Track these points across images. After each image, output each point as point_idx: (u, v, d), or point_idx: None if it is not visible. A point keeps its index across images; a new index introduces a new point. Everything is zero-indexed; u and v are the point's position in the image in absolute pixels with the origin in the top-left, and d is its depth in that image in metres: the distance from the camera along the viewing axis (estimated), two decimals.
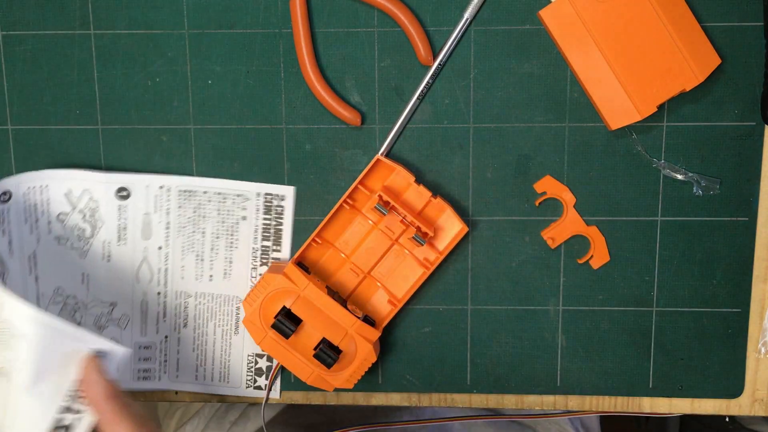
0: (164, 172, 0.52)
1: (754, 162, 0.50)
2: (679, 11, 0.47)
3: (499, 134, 0.50)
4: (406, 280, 0.51)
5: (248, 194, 0.51)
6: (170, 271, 0.53)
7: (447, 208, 0.49)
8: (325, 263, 0.51)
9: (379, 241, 0.50)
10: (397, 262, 0.51)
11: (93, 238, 0.52)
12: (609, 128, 0.49)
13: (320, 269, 0.52)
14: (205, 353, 0.54)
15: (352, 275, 0.51)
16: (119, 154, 0.52)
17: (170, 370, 0.54)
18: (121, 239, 0.52)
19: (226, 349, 0.54)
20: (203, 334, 0.53)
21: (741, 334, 0.52)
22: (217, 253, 0.52)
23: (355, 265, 0.51)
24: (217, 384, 0.54)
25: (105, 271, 0.53)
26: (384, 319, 0.50)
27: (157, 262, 0.53)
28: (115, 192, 0.51)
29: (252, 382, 0.54)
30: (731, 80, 0.49)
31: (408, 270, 0.51)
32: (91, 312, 0.53)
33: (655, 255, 0.51)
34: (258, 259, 0.52)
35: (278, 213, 0.51)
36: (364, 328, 0.49)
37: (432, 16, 0.49)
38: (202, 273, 0.53)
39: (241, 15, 0.50)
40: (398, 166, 0.49)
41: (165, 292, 0.53)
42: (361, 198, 0.50)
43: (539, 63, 0.49)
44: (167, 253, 0.52)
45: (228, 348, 0.54)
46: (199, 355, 0.54)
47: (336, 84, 0.50)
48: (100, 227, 0.52)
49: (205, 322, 0.53)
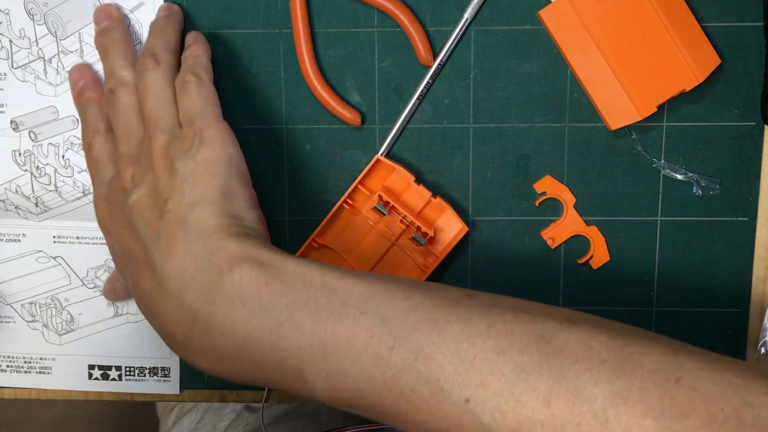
0: None
1: (754, 162, 0.50)
2: (679, 11, 0.47)
3: (499, 134, 0.50)
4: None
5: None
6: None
7: (447, 209, 0.49)
8: (323, 261, 0.51)
9: (379, 241, 0.50)
10: (396, 263, 0.51)
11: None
12: (609, 128, 0.49)
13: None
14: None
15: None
16: None
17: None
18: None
19: None
20: None
21: (741, 334, 0.52)
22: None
23: (355, 266, 0.51)
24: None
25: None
26: None
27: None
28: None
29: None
30: (731, 80, 0.49)
31: (407, 270, 0.51)
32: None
33: (655, 255, 0.51)
34: None
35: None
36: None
37: (432, 16, 0.49)
38: None
39: (241, 15, 0.50)
40: (398, 166, 0.49)
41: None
42: (360, 198, 0.50)
43: (539, 63, 0.49)
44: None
45: None
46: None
47: (336, 84, 0.50)
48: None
49: None
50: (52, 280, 0.52)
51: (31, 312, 0.53)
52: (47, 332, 0.53)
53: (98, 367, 0.54)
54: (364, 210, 0.50)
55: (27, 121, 0.51)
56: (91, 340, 0.53)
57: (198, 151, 0.41)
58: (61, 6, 0.49)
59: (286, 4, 0.49)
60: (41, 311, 0.53)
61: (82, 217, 0.52)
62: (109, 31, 0.47)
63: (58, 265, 0.52)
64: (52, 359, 0.54)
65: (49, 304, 0.53)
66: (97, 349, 0.53)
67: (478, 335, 0.33)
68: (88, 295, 0.53)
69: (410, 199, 0.50)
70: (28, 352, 0.54)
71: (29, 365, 0.54)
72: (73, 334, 0.53)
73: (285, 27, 0.50)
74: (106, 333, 0.53)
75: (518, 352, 0.32)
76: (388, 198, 0.48)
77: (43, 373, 0.54)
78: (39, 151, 0.51)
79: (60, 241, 0.52)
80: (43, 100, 0.50)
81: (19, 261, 0.52)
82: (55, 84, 0.50)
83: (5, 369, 0.54)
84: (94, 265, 0.52)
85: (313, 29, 0.50)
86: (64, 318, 0.53)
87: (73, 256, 0.52)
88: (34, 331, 0.53)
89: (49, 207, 0.51)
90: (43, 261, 0.52)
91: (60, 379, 0.54)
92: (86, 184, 0.51)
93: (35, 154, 0.51)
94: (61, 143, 0.51)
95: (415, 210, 0.50)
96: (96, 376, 0.54)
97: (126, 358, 0.53)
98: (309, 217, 0.52)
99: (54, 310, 0.53)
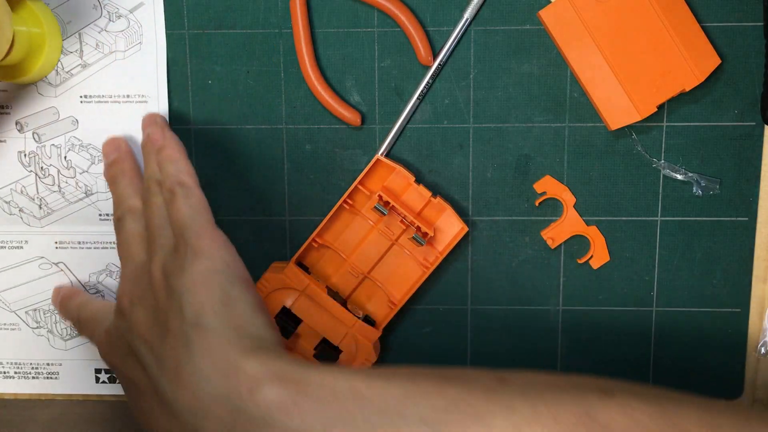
0: None
1: (754, 162, 0.50)
2: (679, 11, 0.47)
3: (499, 134, 0.50)
4: (406, 280, 0.51)
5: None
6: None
7: (447, 208, 0.49)
8: (325, 264, 0.51)
9: (379, 241, 0.50)
10: (396, 263, 0.51)
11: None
12: (609, 128, 0.49)
13: (320, 270, 0.52)
14: None
15: (351, 276, 0.51)
16: None
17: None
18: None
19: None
20: None
21: (741, 334, 0.52)
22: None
23: (355, 266, 0.51)
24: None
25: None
26: (384, 320, 0.50)
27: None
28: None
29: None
30: (731, 80, 0.49)
31: (407, 270, 0.51)
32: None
33: (655, 255, 0.51)
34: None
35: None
36: (365, 328, 0.49)
37: (432, 16, 0.49)
38: None
39: (241, 15, 0.50)
40: (398, 166, 0.49)
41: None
42: (360, 198, 0.50)
43: (539, 63, 0.49)
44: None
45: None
46: None
47: (336, 84, 0.50)
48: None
49: None
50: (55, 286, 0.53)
51: (35, 318, 0.53)
52: (52, 338, 0.53)
53: (105, 371, 0.54)
54: (364, 210, 0.50)
55: (31, 123, 0.51)
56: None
57: (192, 263, 0.38)
58: (61, 6, 0.49)
59: (286, 4, 0.49)
60: (45, 317, 0.53)
61: (83, 220, 0.52)
62: (118, 163, 0.47)
63: (59, 271, 0.52)
64: (59, 364, 0.54)
65: (53, 310, 0.53)
66: None
67: (525, 422, 0.32)
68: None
69: (410, 199, 0.50)
70: (35, 358, 0.54)
71: (36, 371, 0.54)
72: (78, 339, 0.53)
73: (285, 27, 0.50)
74: None
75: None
76: (388, 198, 0.48)
77: (50, 379, 0.54)
78: (43, 152, 0.51)
79: (62, 246, 0.52)
80: (44, 101, 0.50)
81: (21, 268, 0.53)
82: (55, 84, 0.50)
83: (12, 375, 0.54)
84: (96, 269, 0.52)
85: (313, 29, 0.50)
86: (68, 324, 0.53)
87: (75, 261, 0.52)
88: (40, 337, 0.53)
89: (52, 209, 0.51)
90: (45, 267, 0.52)
91: (68, 384, 0.54)
92: (88, 185, 0.51)
93: (39, 155, 0.51)
94: (63, 144, 0.51)
95: (415, 210, 0.50)
96: (103, 380, 0.54)
97: None
98: (309, 217, 0.52)
99: (57, 316, 0.53)
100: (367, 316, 0.51)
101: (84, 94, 0.50)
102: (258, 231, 0.52)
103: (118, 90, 0.50)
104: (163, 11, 0.50)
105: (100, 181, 0.51)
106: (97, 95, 0.50)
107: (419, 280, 0.50)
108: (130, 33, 0.50)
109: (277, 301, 0.49)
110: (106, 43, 0.50)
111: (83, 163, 0.51)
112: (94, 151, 0.51)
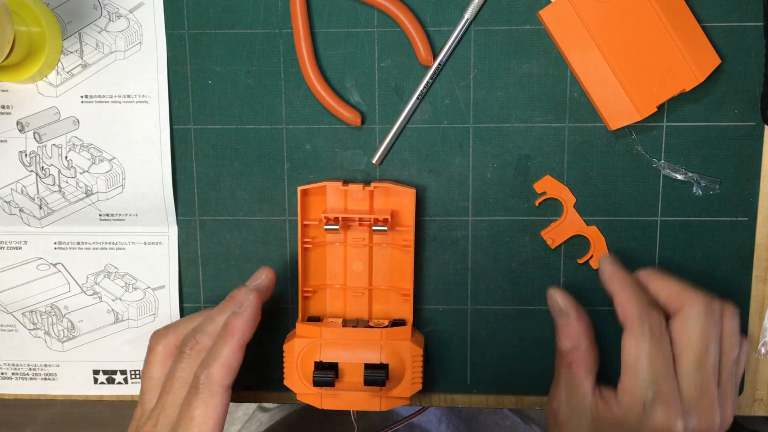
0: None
1: (754, 162, 0.50)
2: (679, 11, 0.47)
3: (499, 134, 0.50)
4: (402, 268, 0.51)
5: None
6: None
7: (388, 186, 0.49)
8: (331, 303, 0.52)
9: (358, 253, 0.50)
10: (384, 260, 0.51)
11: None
12: (609, 128, 0.49)
13: (331, 311, 0.52)
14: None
15: (358, 297, 0.51)
16: None
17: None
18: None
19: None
20: None
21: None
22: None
23: (354, 287, 0.51)
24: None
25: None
26: (410, 314, 0.50)
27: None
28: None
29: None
30: (731, 80, 0.49)
31: (397, 259, 0.51)
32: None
33: (655, 255, 0.51)
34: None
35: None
36: (393, 331, 0.49)
37: (432, 16, 0.49)
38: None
39: (241, 15, 0.50)
40: (324, 182, 0.49)
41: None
42: (314, 231, 0.50)
43: (539, 63, 0.49)
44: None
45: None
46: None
47: (336, 84, 0.50)
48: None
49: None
50: (52, 287, 0.53)
51: (32, 320, 0.53)
52: (49, 339, 0.53)
53: (103, 372, 0.54)
54: (324, 238, 0.50)
55: (32, 122, 0.51)
56: (93, 346, 0.54)
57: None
58: (61, 6, 0.49)
59: (286, 4, 0.49)
60: (42, 319, 0.53)
61: (83, 220, 0.52)
62: (244, 316, 0.46)
63: (57, 272, 0.52)
64: (56, 366, 0.54)
65: (50, 312, 0.53)
66: (100, 354, 0.54)
67: None
68: (87, 302, 0.53)
69: (353, 201, 0.50)
70: (32, 359, 0.54)
71: (34, 372, 0.54)
72: (75, 341, 0.54)
73: (285, 27, 0.50)
74: (108, 338, 0.53)
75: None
76: (334, 214, 0.48)
77: (48, 380, 0.54)
78: (43, 152, 0.51)
79: (61, 247, 0.52)
80: (45, 101, 0.50)
81: (19, 269, 0.53)
82: (55, 84, 0.50)
83: (10, 377, 0.54)
84: (94, 271, 0.52)
85: (313, 29, 0.50)
86: (65, 325, 0.53)
87: (73, 262, 0.52)
88: (37, 338, 0.54)
89: (52, 209, 0.51)
90: (43, 268, 0.52)
91: (66, 385, 0.54)
92: (88, 185, 0.51)
93: (40, 154, 0.51)
94: (64, 144, 0.51)
95: (364, 207, 0.49)
96: (101, 381, 0.54)
97: (130, 362, 0.54)
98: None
99: (54, 318, 0.53)
100: (395, 320, 0.51)
101: (84, 94, 0.50)
102: (258, 231, 0.52)
103: (119, 90, 0.50)
104: (163, 11, 0.50)
105: (100, 181, 0.51)
106: (97, 95, 0.50)
107: (411, 260, 0.50)
108: (130, 33, 0.50)
109: (307, 362, 0.49)
110: (106, 43, 0.50)
111: (84, 163, 0.51)
112: (95, 151, 0.51)
